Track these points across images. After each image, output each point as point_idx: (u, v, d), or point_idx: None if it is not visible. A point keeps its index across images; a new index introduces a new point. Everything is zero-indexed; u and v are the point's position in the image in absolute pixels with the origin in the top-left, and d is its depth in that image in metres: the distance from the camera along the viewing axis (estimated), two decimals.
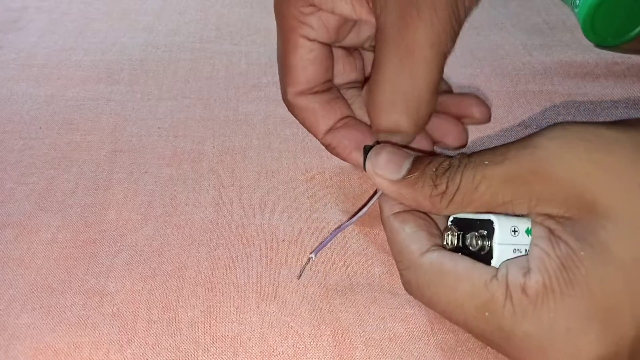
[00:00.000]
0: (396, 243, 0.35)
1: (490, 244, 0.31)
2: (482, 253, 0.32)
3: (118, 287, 0.39)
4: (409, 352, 0.35)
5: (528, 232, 0.31)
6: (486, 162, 0.30)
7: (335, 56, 0.42)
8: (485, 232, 0.32)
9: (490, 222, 0.31)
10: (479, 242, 0.32)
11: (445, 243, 0.34)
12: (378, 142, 0.38)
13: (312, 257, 0.38)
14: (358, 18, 0.38)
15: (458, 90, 0.57)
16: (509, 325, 0.29)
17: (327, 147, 0.44)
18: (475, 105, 0.43)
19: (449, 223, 0.34)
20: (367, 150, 0.36)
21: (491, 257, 0.31)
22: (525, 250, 0.31)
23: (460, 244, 0.34)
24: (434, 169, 0.32)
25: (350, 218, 0.39)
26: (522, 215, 0.32)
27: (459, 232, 0.33)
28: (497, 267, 0.31)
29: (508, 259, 0.31)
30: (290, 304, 0.38)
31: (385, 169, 0.34)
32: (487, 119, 0.43)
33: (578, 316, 0.28)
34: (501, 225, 0.31)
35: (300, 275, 0.39)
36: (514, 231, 0.31)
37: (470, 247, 0.33)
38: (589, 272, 0.28)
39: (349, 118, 0.43)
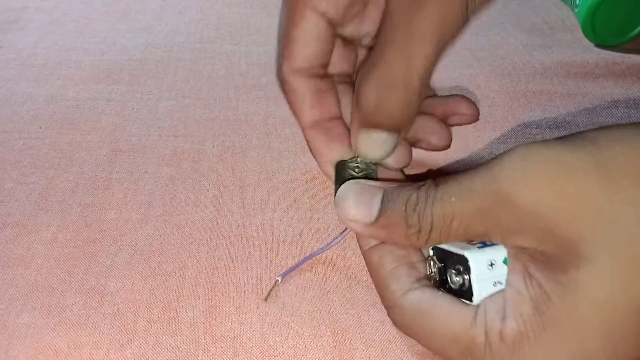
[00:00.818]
0: (377, 279, 0.34)
1: (469, 280, 0.30)
2: (462, 289, 0.31)
3: (118, 286, 0.39)
4: (408, 354, 0.35)
5: (505, 262, 0.30)
6: (453, 199, 0.29)
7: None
8: (462, 267, 0.31)
9: (465, 258, 0.30)
10: (458, 278, 0.31)
11: (428, 273, 0.33)
12: (353, 158, 0.39)
13: (278, 280, 0.38)
14: None
15: (458, 90, 0.57)
16: None
17: (307, 142, 0.43)
18: (463, 102, 0.43)
19: (430, 252, 0.33)
20: (338, 166, 0.36)
21: (471, 294, 0.31)
22: (505, 280, 0.30)
23: (441, 277, 0.33)
24: (403, 208, 0.31)
25: (324, 246, 0.40)
26: (494, 244, 0.31)
27: (439, 265, 0.32)
28: (478, 303, 0.31)
29: (489, 295, 0.30)
30: (290, 304, 0.38)
31: (356, 213, 0.32)
32: (476, 117, 0.43)
33: None
34: (476, 262, 0.30)
35: (267, 297, 0.38)
36: (491, 264, 0.30)
37: (450, 282, 0.32)
38: (561, 315, 0.27)
39: (336, 122, 0.42)
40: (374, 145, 0.38)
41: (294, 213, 0.44)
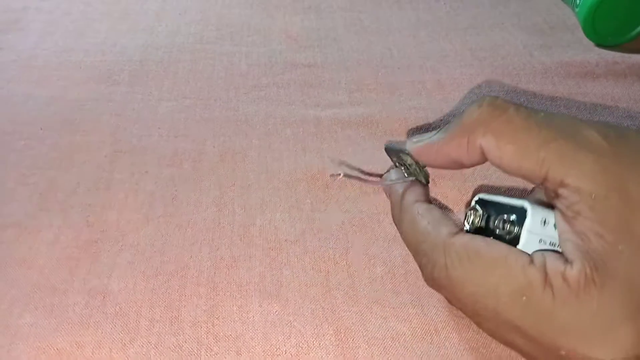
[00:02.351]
0: (420, 230, 0.34)
1: (519, 230, 0.31)
2: (507, 238, 0.31)
3: (120, 286, 0.39)
4: (411, 351, 0.35)
5: (555, 226, 0.30)
6: (542, 114, 0.30)
7: None
8: (514, 216, 0.31)
9: (524, 209, 0.31)
10: (506, 226, 0.31)
11: (466, 222, 0.33)
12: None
13: (340, 174, 0.36)
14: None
15: (457, 90, 0.57)
16: (547, 311, 0.29)
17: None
18: None
19: (474, 202, 0.33)
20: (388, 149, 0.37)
21: (516, 244, 0.30)
22: (550, 242, 0.31)
23: (483, 224, 0.33)
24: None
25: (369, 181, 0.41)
26: (548, 207, 0.31)
27: (484, 214, 0.33)
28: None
29: (535, 250, 0.31)
30: (292, 303, 0.38)
31: (421, 136, 0.34)
32: None
33: (619, 308, 0.28)
34: (534, 214, 0.30)
35: (331, 176, 0.37)
36: (544, 222, 0.30)
37: (497, 230, 0.32)
38: (630, 267, 0.28)
39: None
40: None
41: (295, 213, 0.44)
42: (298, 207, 0.45)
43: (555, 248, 0.31)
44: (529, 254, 0.30)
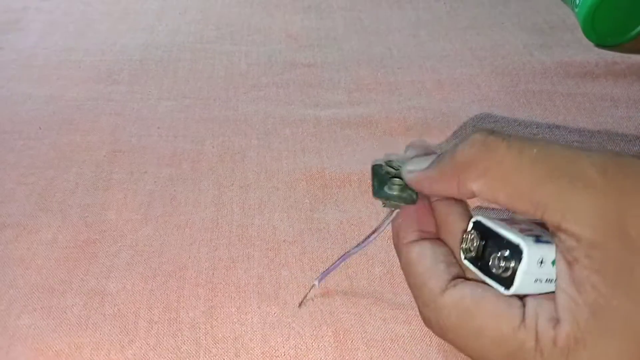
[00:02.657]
0: (413, 276, 0.32)
1: (514, 268, 0.29)
2: (502, 275, 0.29)
3: (119, 287, 0.39)
4: (410, 352, 0.35)
5: (553, 263, 0.29)
6: (535, 150, 0.28)
7: None
8: (511, 254, 0.29)
9: (519, 250, 0.29)
10: (502, 263, 0.29)
11: (462, 246, 0.32)
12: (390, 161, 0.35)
13: (315, 285, 0.38)
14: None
15: (457, 90, 0.57)
16: None
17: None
18: None
19: (471, 226, 0.32)
20: (376, 168, 0.34)
21: (511, 284, 0.29)
22: (547, 279, 0.29)
23: (478, 254, 0.31)
24: (455, 145, 0.29)
25: (359, 244, 0.37)
26: (548, 242, 0.29)
27: (481, 242, 0.31)
28: (510, 295, 0.29)
29: (532, 294, 0.29)
30: (291, 304, 0.38)
31: (416, 165, 0.32)
32: None
33: None
34: (530, 255, 0.28)
35: (301, 303, 0.38)
36: (541, 262, 0.29)
37: (492, 267, 0.30)
38: (623, 319, 0.26)
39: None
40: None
41: (294, 213, 0.44)
42: (297, 207, 0.45)
43: (552, 285, 0.29)
44: (521, 309, 0.29)
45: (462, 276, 0.32)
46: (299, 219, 0.44)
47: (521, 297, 0.29)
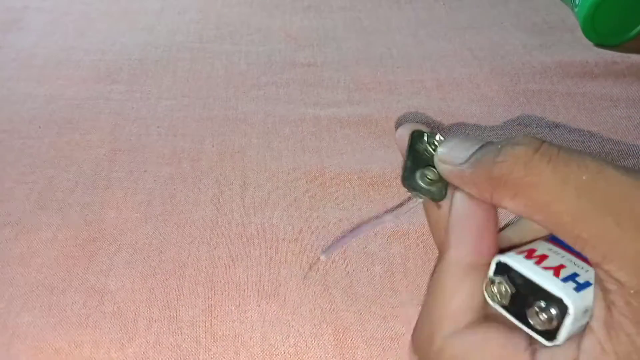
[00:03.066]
0: (430, 307, 0.29)
1: (558, 321, 0.25)
2: (542, 330, 0.26)
3: (118, 285, 0.39)
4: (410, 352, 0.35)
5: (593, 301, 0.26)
6: (585, 177, 0.24)
7: None
8: (552, 306, 0.26)
9: (563, 304, 0.25)
10: (543, 316, 0.26)
11: (488, 291, 0.28)
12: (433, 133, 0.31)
13: (321, 257, 0.37)
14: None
15: (456, 89, 0.57)
16: None
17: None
18: None
19: (494, 268, 0.28)
20: (415, 132, 0.30)
21: (554, 337, 0.26)
22: (587, 323, 0.26)
23: (513, 303, 0.27)
24: (499, 145, 0.26)
25: (371, 222, 0.32)
26: (588, 283, 0.26)
27: (511, 291, 0.27)
28: (549, 345, 0.26)
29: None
30: (291, 302, 0.38)
31: (452, 152, 0.28)
32: None
33: None
34: (576, 309, 0.25)
35: (306, 276, 0.38)
36: (585, 311, 0.25)
37: (532, 322, 0.26)
38: None
39: None
40: None
41: (294, 212, 0.44)
42: (296, 206, 0.45)
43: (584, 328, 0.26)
44: (530, 349, 0.26)
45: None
46: (298, 217, 0.44)
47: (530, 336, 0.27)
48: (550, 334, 0.26)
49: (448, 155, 0.28)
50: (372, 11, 0.72)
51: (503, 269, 0.27)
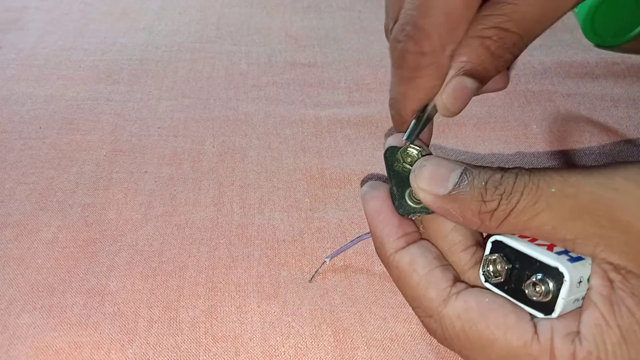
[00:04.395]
0: (409, 288, 0.30)
1: (554, 295, 0.26)
2: (538, 301, 0.27)
3: (119, 286, 0.39)
4: (410, 352, 0.35)
5: (589, 280, 0.27)
6: (553, 190, 0.26)
7: None
8: (548, 278, 0.27)
9: (559, 273, 0.26)
10: (539, 288, 0.27)
11: (484, 271, 0.29)
12: (405, 145, 0.32)
13: (326, 261, 0.38)
14: None
15: None
16: None
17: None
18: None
19: (490, 247, 0.29)
20: (388, 153, 0.31)
21: (551, 309, 0.27)
22: (582, 297, 0.27)
23: (509, 279, 0.28)
24: (483, 182, 0.27)
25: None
26: (581, 258, 0.27)
27: (507, 266, 0.28)
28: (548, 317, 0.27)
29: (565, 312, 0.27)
30: (291, 303, 0.38)
31: (430, 183, 0.29)
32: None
33: None
34: (571, 278, 0.26)
35: (312, 278, 0.39)
36: (579, 282, 0.26)
37: (528, 295, 0.27)
38: None
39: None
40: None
41: (294, 212, 0.44)
42: (297, 207, 0.45)
43: (580, 302, 0.27)
44: (531, 322, 0.27)
45: (459, 279, 0.30)
46: (299, 218, 0.44)
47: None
48: (547, 307, 0.27)
49: (427, 187, 0.29)
50: (373, 11, 0.72)
51: (498, 248, 0.29)
